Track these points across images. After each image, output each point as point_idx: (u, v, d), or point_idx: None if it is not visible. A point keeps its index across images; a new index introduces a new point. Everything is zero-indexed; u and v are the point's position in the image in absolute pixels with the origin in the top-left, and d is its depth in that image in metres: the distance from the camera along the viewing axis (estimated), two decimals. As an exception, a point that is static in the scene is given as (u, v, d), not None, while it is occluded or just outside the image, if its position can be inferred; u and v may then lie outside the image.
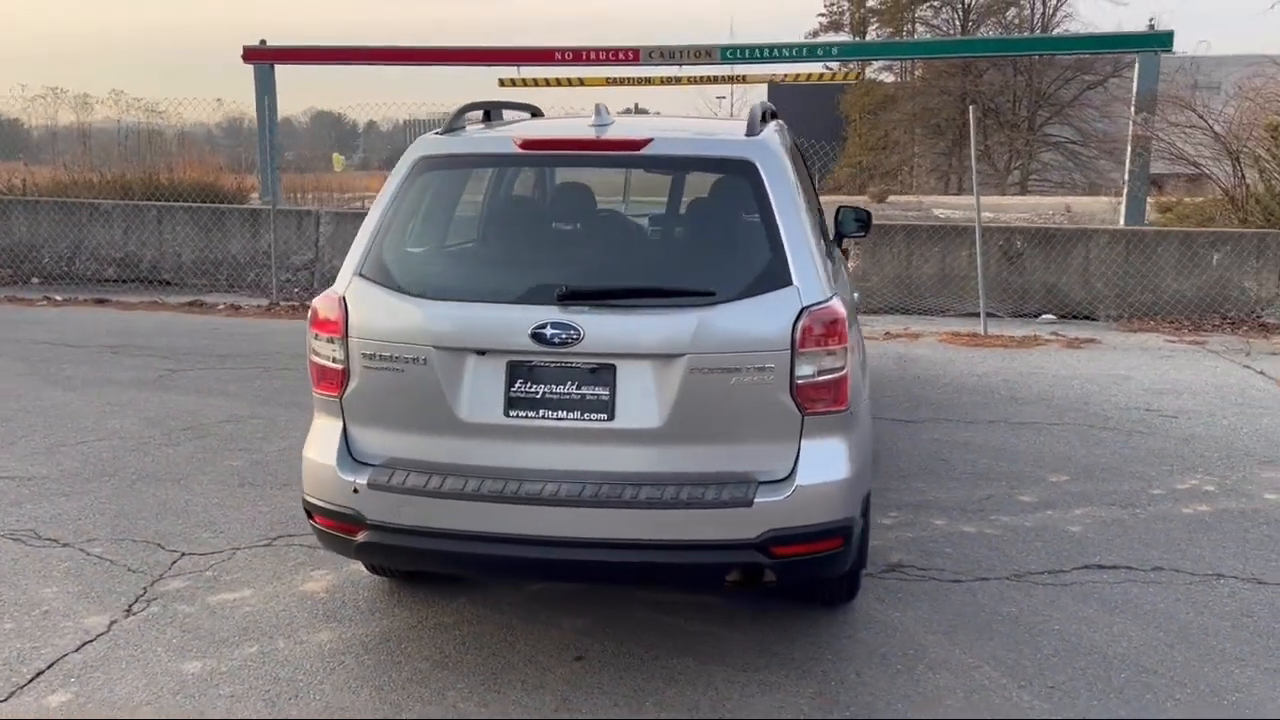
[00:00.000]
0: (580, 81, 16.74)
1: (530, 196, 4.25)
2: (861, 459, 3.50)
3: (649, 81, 16.85)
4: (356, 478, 3.42)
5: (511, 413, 3.35)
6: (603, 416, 3.31)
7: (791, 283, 3.32)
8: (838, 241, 5.74)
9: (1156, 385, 7.84)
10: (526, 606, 4.11)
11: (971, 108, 9.81)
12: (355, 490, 3.40)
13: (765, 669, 3.64)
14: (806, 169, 4.80)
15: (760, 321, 3.29)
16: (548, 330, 3.28)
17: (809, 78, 17.80)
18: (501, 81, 16.70)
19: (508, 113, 4.53)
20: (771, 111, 4.16)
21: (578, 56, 16.19)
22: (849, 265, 7.83)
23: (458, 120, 3.89)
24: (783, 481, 3.30)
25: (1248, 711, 3.39)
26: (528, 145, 3.66)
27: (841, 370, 3.34)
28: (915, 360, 8.68)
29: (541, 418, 3.33)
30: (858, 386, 3.51)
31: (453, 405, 3.37)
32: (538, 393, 3.33)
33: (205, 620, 3.99)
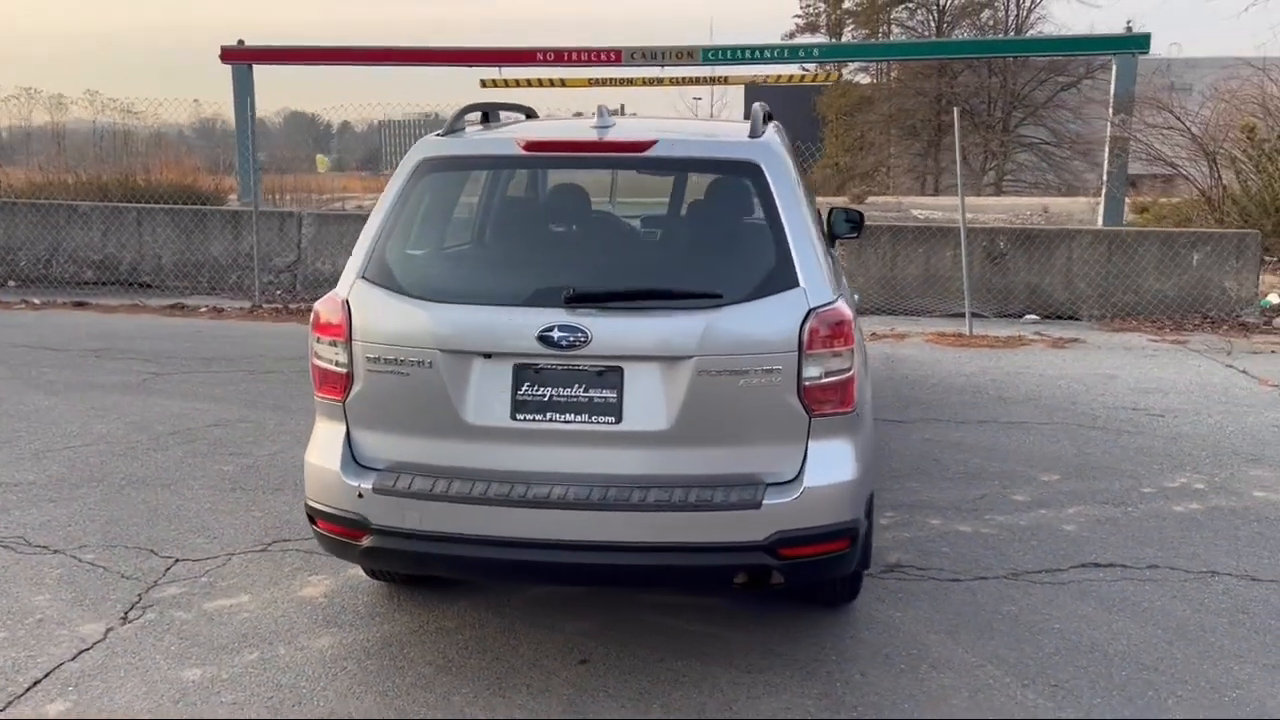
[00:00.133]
0: (562, 82, 16.75)
1: (533, 199, 4.23)
2: (866, 460, 3.51)
3: (631, 82, 16.88)
4: (361, 482, 3.39)
5: (518, 416, 3.33)
6: (610, 419, 3.30)
7: (798, 284, 3.33)
8: (830, 243, 5.75)
9: (1142, 384, 7.92)
10: (528, 610, 4.09)
11: (956, 110, 9.86)
12: (360, 495, 3.37)
13: (770, 670, 3.64)
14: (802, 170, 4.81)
15: (768, 323, 3.29)
16: (555, 333, 3.26)
17: (791, 79, 17.87)
18: (483, 82, 16.68)
19: (504, 114, 4.51)
20: (769, 113, 4.16)
21: (559, 57, 16.21)
22: (836, 266, 7.83)
23: (458, 122, 3.87)
24: (790, 483, 3.31)
25: (1249, 707, 3.42)
26: (532, 147, 3.64)
27: (848, 371, 3.35)
28: (903, 360, 8.72)
29: (549, 421, 3.32)
30: (862, 387, 3.52)
31: (459, 408, 3.35)
32: (545, 395, 3.32)
33: (203, 627, 3.95)
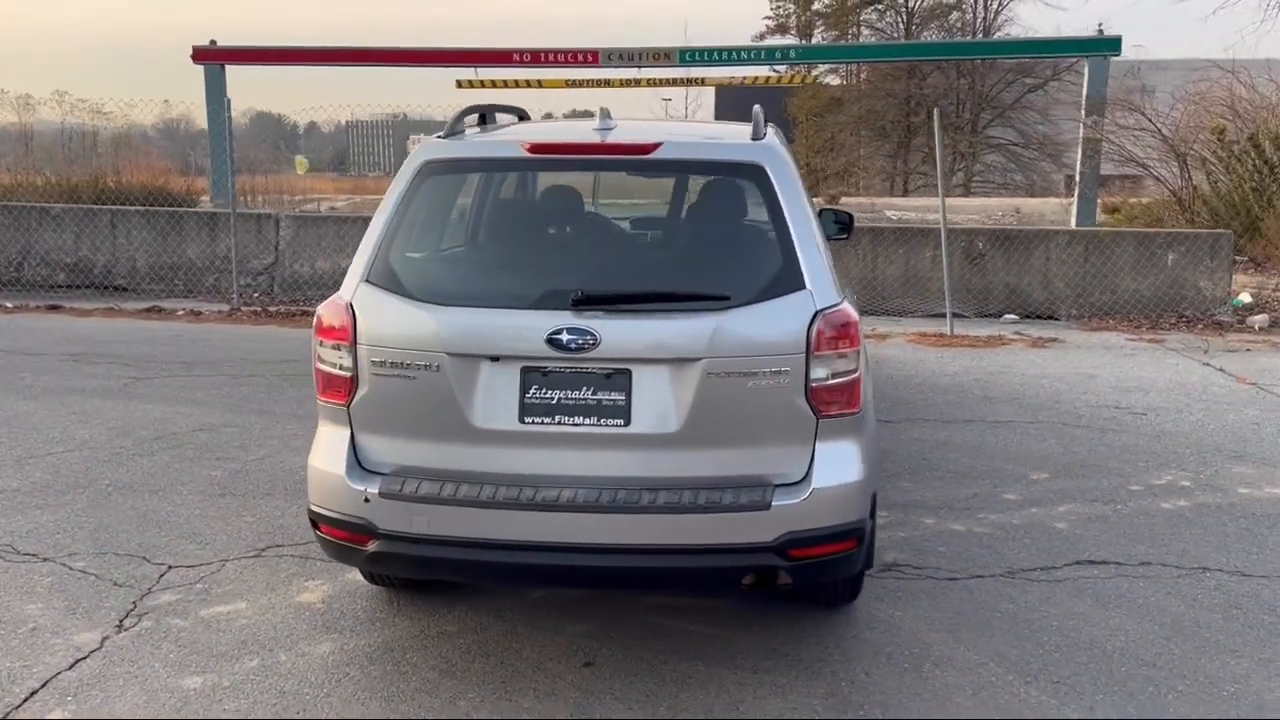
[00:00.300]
0: (539, 83, 16.70)
1: (538, 201, 4.22)
2: (871, 460, 3.53)
3: (609, 83, 16.86)
4: (367, 487, 3.37)
5: (526, 419, 3.32)
6: (619, 422, 3.30)
7: (805, 286, 3.34)
8: None
9: (1123, 383, 8.01)
10: (529, 613, 4.08)
11: (935, 112, 9.93)
12: (366, 500, 3.35)
13: (775, 671, 3.65)
14: None
15: (775, 325, 3.30)
16: (564, 336, 3.26)
17: (767, 81, 17.93)
18: (459, 83, 16.59)
19: (503, 116, 4.50)
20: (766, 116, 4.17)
21: (536, 58, 16.16)
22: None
23: (458, 124, 3.85)
24: (798, 484, 3.32)
25: (1248, 702, 3.47)
26: (536, 149, 3.63)
27: (854, 373, 3.37)
28: (886, 361, 8.76)
29: (557, 423, 3.31)
30: (866, 388, 3.54)
31: (466, 412, 3.34)
32: (553, 398, 3.31)
33: (201, 634, 3.90)
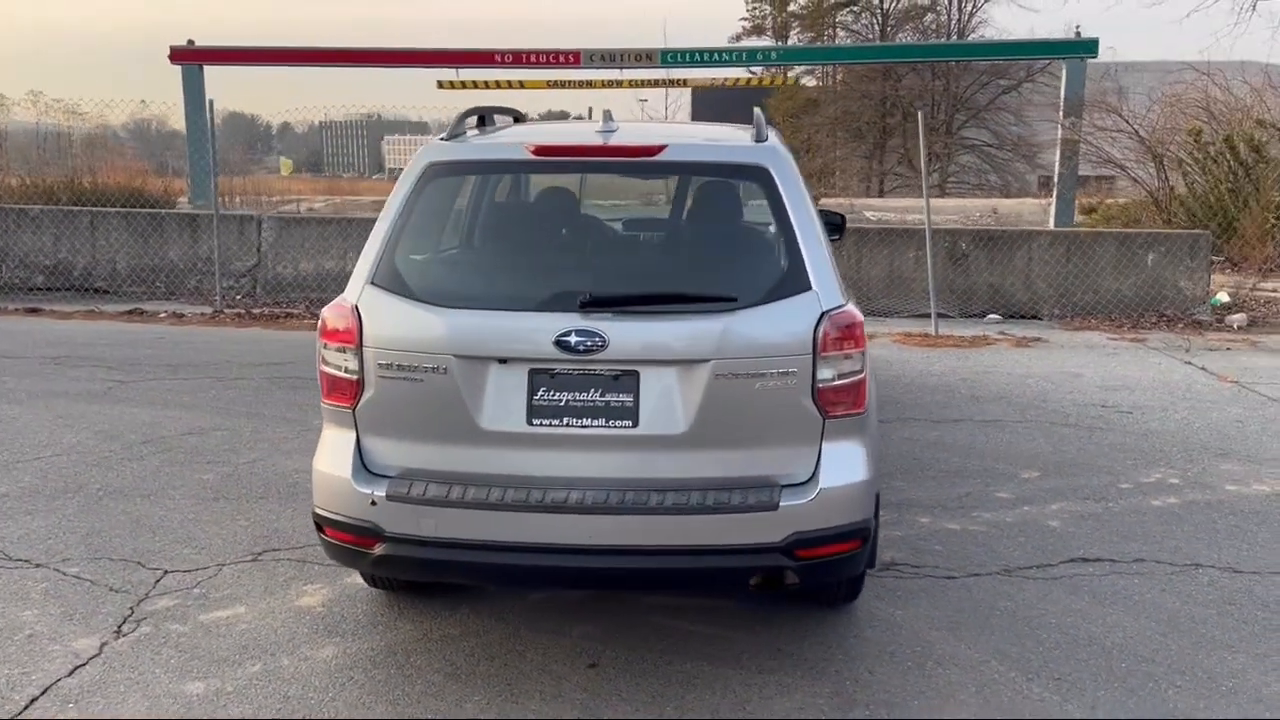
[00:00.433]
0: (521, 84, 16.67)
1: (542, 202, 4.22)
2: (875, 459, 3.55)
3: (590, 84, 16.86)
4: (374, 489, 3.36)
5: (534, 421, 3.32)
6: (627, 423, 3.30)
7: (810, 287, 3.36)
8: None
9: (1108, 382, 8.09)
10: (531, 615, 4.07)
11: (920, 113, 9.99)
12: (373, 503, 3.34)
13: (779, 670, 3.67)
14: None
15: (782, 326, 3.32)
16: (572, 338, 3.26)
17: (746, 83, 17.97)
18: (440, 84, 16.55)
19: (499, 117, 4.49)
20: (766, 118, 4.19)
21: (518, 59, 16.12)
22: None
23: (459, 126, 3.84)
24: (805, 484, 3.34)
25: (1246, 696, 3.52)
26: (541, 151, 3.63)
27: (860, 373, 3.39)
28: (873, 361, 8.78)
29: (565, 425, 3.31)
30: (870, 389, 3.56)
31: (474, 414, 3.33)
32: (561, 400, 3.31)
33: (201, 639, 3.87)
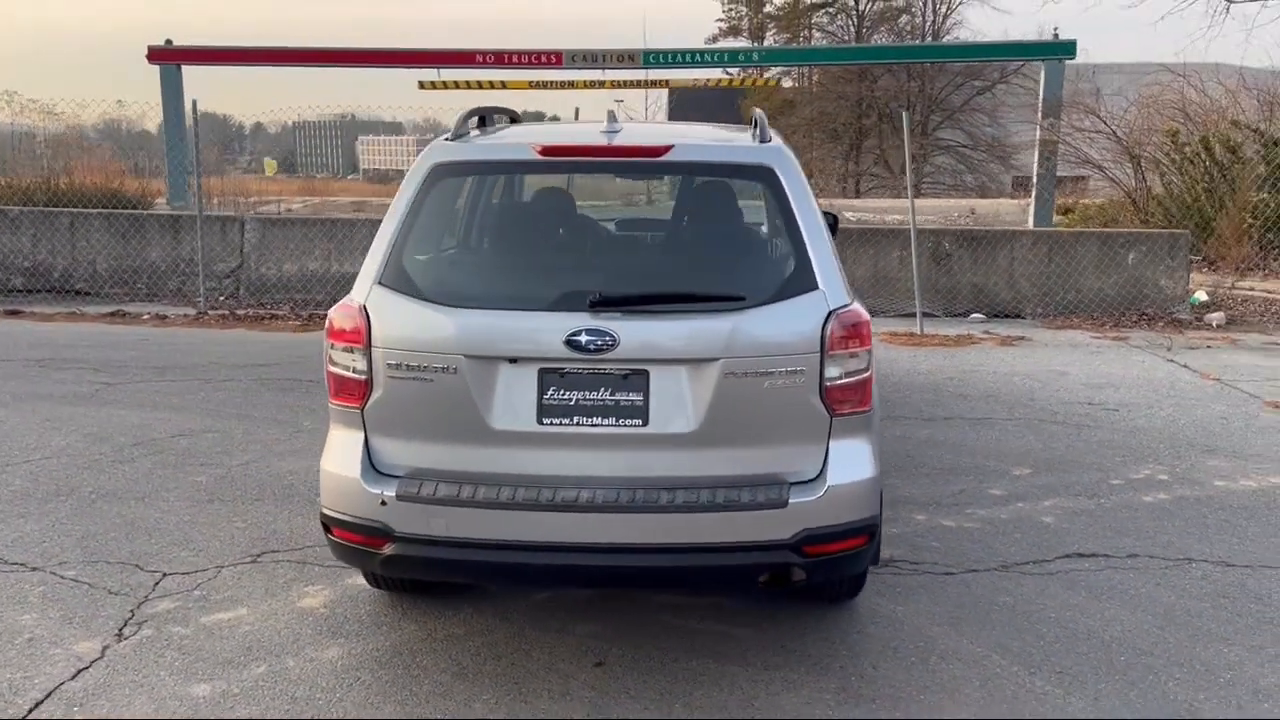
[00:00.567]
0: (503, 84, 16.65)
1: (549, 203, 4.22)
2: (879, 457, 3.58)
3: (573, 85, 16.86)
4: (383, 489, 3.36)
5: (544, 420, 3.33)
6: (637, 422, 3.32)
7: (817, 286, 3.39)
8: None
9: (1093, 380, 8.18)
10: (535, 614, 4.08)
11: (905, 114, 10.06)
12: (383, 503, 3.34)
13: (785, 667, 3.69)
14: None
15: (790, 325, 3.35)
16: (583, 337, 3.27)
17: (726, 83, 18.04)
18: (421, 84, 16.48)
19: (497, 117, 4.50)
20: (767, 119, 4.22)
21: (500, 59, 16.08)
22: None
23: (463, 127, 3.85)
24: (813, 482, 3.36)
25: (1243, 687, 3.57)
26: (548, 151, 3.64)
27: (866, 371, 3.42)
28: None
29: (575, 424, 3.32)
30: (874, 387, 3.59)
31: (484, 414, 3.34)
32: (571, 399, 3.32)
33: (204, 641, 3.86)
